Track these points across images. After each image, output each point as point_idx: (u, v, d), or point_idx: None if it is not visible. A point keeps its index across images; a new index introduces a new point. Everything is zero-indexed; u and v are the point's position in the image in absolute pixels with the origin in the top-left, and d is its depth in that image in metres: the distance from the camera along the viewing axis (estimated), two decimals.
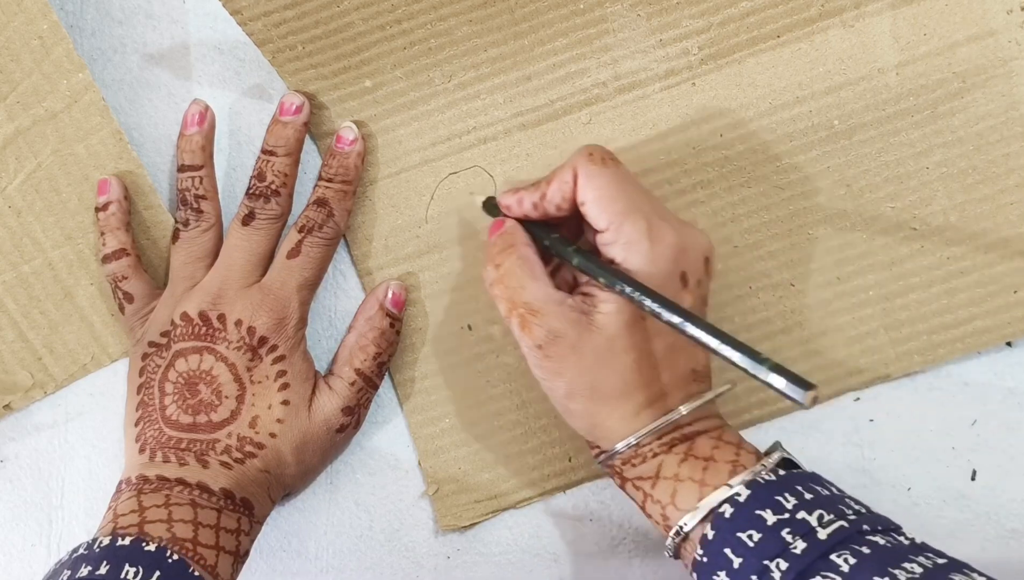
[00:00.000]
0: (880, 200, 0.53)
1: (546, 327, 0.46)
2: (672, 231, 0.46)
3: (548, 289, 0.47)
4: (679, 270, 0.46)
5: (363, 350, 0.53)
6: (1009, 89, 0.52)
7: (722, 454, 0.45)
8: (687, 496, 0.45)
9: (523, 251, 0.48)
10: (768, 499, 0.42)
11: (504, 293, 0.47)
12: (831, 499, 0.43)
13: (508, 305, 0.47)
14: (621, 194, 0.46)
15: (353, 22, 0.52)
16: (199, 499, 0.49)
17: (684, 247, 0.46)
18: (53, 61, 0.52)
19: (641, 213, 0.45)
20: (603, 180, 0.46)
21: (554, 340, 0.46)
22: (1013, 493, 0.54)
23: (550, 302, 0.46)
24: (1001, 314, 0.53)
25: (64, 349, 0.55)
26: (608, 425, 0.47)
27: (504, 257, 0.48)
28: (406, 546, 0.56)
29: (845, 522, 0.41)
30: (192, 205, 0.53)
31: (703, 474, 0.45)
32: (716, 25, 0.53)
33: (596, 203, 0.46)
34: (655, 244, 0.45)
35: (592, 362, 0.45)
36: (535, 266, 0.47)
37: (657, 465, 0.46)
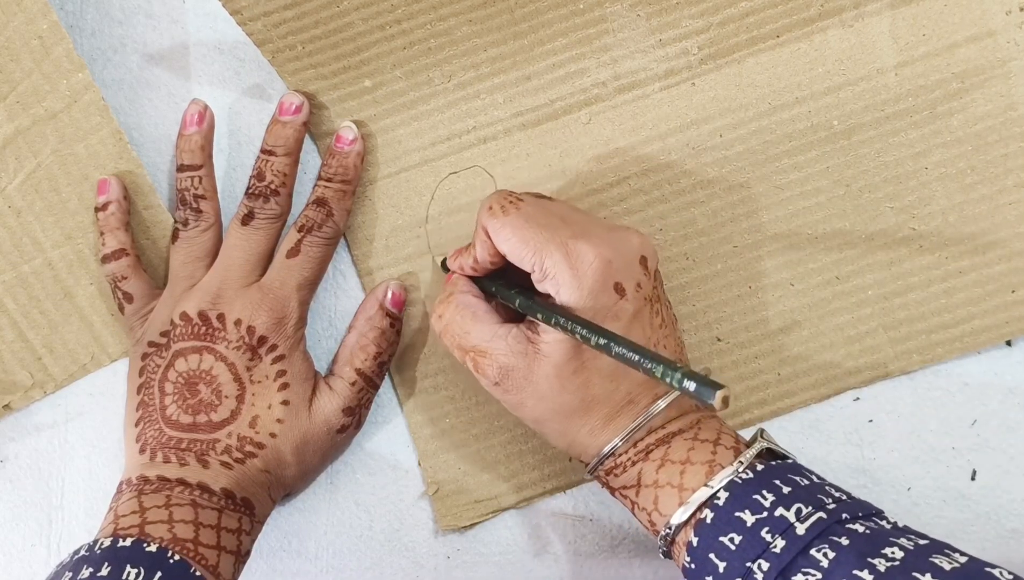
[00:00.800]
0: (879, 200, 0.53)
1: (497, 364, 0.47)
2: (591, 249, 0.45)
3: (492, 327, 0.47)
4: (611, 283, 0.46)
5: (363, 350, 0.53)
6: (1008, 90, 0.53)
7: (698, 455, 0.45)
8: (668, 502, 0.45)
9: (461, 298, 0.49)
10: (746, 499, 0.43)
11: (452, 341, 0.48)
12: (809, 489, 0.43)
13: (459, 351, 0.48)
14: (531, 234, 0.46)
15: (353, 22, 0.52)
16: (200, 499, 0.49)
17: (609, 259, 0.46)
18: (53, 61, 0.52)
19: (555, 243, 0.46)
20: (507, 230, 0.46)
21: (506, 375, 0.47)
22: (1013, 493, 0.54)
23: (495, 339, 0.47)
24: (1000, 313, 0.53)
25: (64, 349, 0.55)
26: (580, 441, 0.47)
27: (444, 307, 0.49)
28: (406, 546, 0.56)
29: (824, 513, 0.42)
30: (191, 205, 0.53)
31: (681, 478, 0.45)
32: (716, 25, 0.53)
33: (511, 253, 0.47)
34: (576, 269, 0.45)
35: (547, 389, 0.46)
36: (476, 309, 0.48)
37: (637, 473, 0.46)
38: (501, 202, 0.47)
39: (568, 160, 0.54)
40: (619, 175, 0.54)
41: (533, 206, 0.47)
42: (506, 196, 0.48)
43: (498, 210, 0.47)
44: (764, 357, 0.54)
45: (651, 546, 0.55)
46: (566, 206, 0.49)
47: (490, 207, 0.47)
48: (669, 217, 0.54)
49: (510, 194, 0.48)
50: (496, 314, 0.49)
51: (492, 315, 0.48)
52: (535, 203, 0.48)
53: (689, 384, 0.38)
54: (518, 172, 0.54)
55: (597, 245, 0.46)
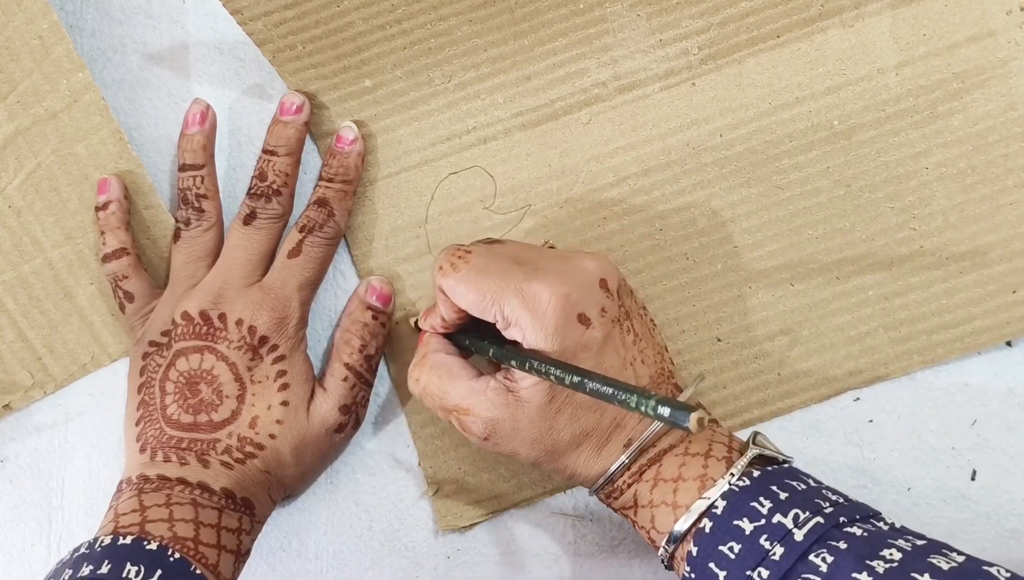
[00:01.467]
0: (880, 200, 0.53)
1: (481, 420, 0.46)
2: (546, 287, 0.45)
3: (469, 382, 0.47)
4: (573, 316, 0.45)
5: (348, 344, 0.53)
6: (1008, 89, 0.53)
7: (689, 470, 0.45)
8: (664, 520, 0.45)
9: (434, 358, 0.48)
10: (744, 507, 0.43)
11: (432, 402, 0.48)
12: (806, 494, 0.43)
13: (442, 412, 0.48)
14: (484, 285, 0.46)
15: (353, 22, 0.52)
16: (200, 499, 0.49)
17: (566, 293, 0.45)
18: (53, 61, 0.52)
19: (510, 290, 0.45)
20: (461, 286, 0.46)
21: (493, 427, 0.46)
22: (1013, 493, 0.54)
23: (474, 395, 0.47)
24: (1000, 314, 0.53)
25: (64, 349, 0.55)
26: (579, 472, 0.47)
27: (419, 370, 0.49)
28: (406, 546, 0.56)
29: (821, 517, 0.42)
30: (193, 204, 0.53)
31: (674, 496, 0.45)
32: (716, 25, 0.53)
33: (470, 307, 0.46)
34: (534, 312, 0.45)
35: (535, 431, 0.46)
36: (451, 366, 0.48)
37: (633, 495, 0.47)
38: (450, 259, 0.47)
39: (568, 160, 0.54)
40: (619, 175, 0.54)
41: (482, 256, 0.47)
42: (454, 252, 0.47)
43: (448, 268, 0.47)
44: (764, 357, 0.54)
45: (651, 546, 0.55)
46: (517, 246, 0.49)
47: (440, 267, 0.47)
48: (669, 217, 0.54)
49: (458, 249, 0.48)
50: (472, 368, 0.48)
51: (468, 370, 0.48)
52: (484, 252, 0.47)
53: (663, 410, 0.38)
54: (518, 172, 0.54)
55: (551, 283, 0.45)
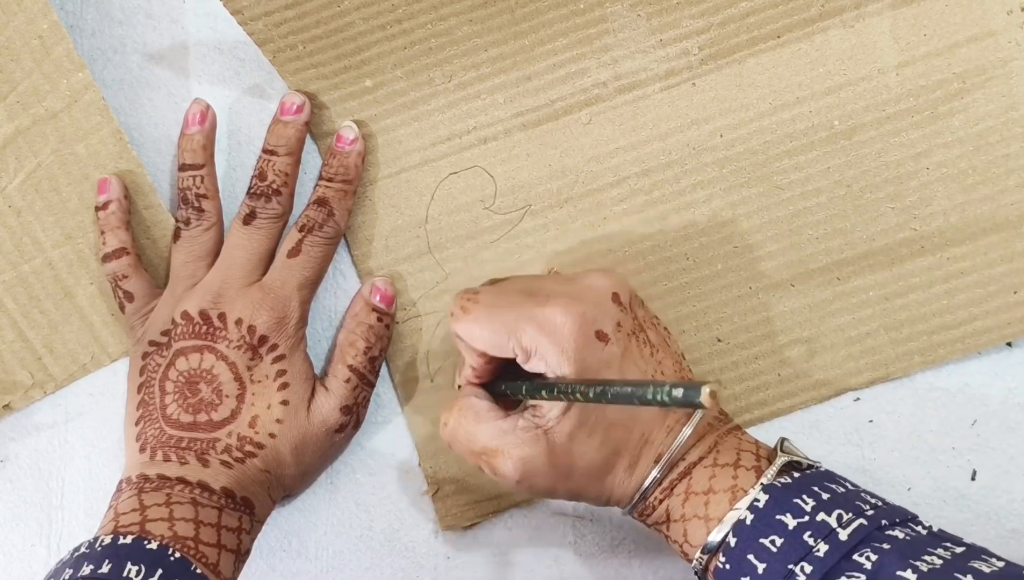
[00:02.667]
0: (880, 200, 0.53)
1: (512, 459, 0.46)
2: (560, 310, 0.45)
3: (497, 423, 0.47)
4: (591, 333, 0.45)
5: (353, 346, 0.53)
6: (1009, 90, 0.53)
7: (720, 482, 0.45)
8: (696, 533, 0.45)
9: (463, 402, 0.48)
10: (787, 503, 0.43)
11: (461, 448, 0.48)
12: (847, 496, 0.43)
13: (471, 457, 0.48)
14: (498, 321, 0.46)
15: (354, 22, 0.52)
16: (200, 498, 0.49)
17: (580, 312, 0.45)
18: (53, 61, 0.52)
19: (524, 319, 0.45)
20: (475, 327, 0.46)
21: (525, 466, 0.46)
22: (1013, 493, 0.54)
23: (503, 434, 0.46)
24: (1001, 314, 0.53)
25: (64, 349, 0.55)
26: (615, 493, 0.47)
27: (448, 414, 0.49)
28: (406, 546, 0.56)
29: (864, 519, 0.42)
30: (193, 204, 0.53)
31: (706, 509, 0.45)
32: (716, 25, 0.53)
33: (490, 347, 0.46)
34: (552, 335, 0.45)
35: (569, 461, 0.46)
36: (479, 409, 0.48)
37: (665, 510, 0.47)
38: (460, 304, 0.47)
39: (568, 160, 0.54)
40: (619, 175, 0.54)
41: (490, 294, 0.47)
42: (462, 297, 0.47)
43: (459, 313, 0.47)
44: (764, 358, 0.54)
45: (651, 546, 0.55)
46: (523, 278, 0.49)
47: (452, 313, 0.47)
48: (669, 217, 0.54)
49: (466, 292, 0.48)
50: (500, 410, 0.48)
51: (496, 411, 0.48)
52: (492, 290, 0.48)
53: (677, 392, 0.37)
54: (518, 172, 0.54)
55: (564, 304, 0.45)
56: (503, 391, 0.48)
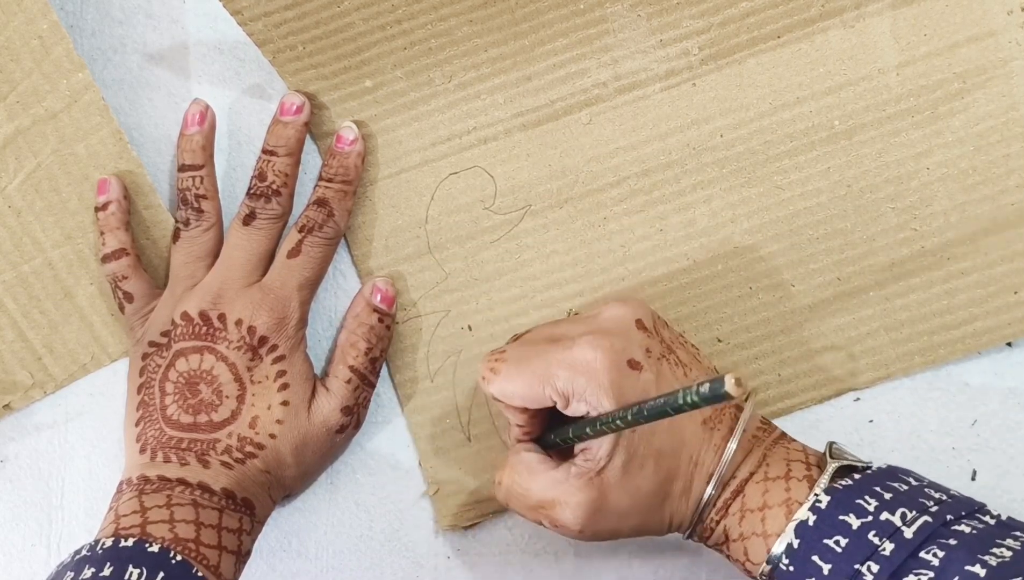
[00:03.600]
0: (880, 200, 0.53)
1: (570, 507, 0.46)
2: (588, 347, 0.46)
3: (550, 474, 0.47)
4: (623, 363, 0.46)
5: (354, 347, 0.53)
6: (1009, 89, 0.53)
7: (773, 497, 0.45)
8: (756, 551, 0.45)
9: (514, 458, 0.49)
10: (849, 504, 0.43)
11: (517, 504, 0.48)
12: (910, 493, 0.43)
13: (528, 512, 0.48)
14: (528, 373, 0.46)
15: (353, 22, 0.52)
16: (201, 499, 0.49)
17: (608, 345, 0.46)
18: (53, 61, 0.52)
19: (554, 365, 0.46)
20: (509, 384, 0.47)
21: (585, 512, 0.46)
22: (1013, 493, 0.54)
23: (557, 486, 0.47)
24: (1001, 314, 0.53)
25: (64, 349, 0.55)
26: (674, 519, 0.48)
27: (501, 473, 0.49)
28: (406, 546, 0.56)
29: (928, 516, 0.42)
30: (193, 205, 0.53)
31: (763, 526, 0.45)
32: (716, 25, 0.53)
33: (527, 401, 0.47)
34: (587, 374, 0.45)
35: (627, 498, 0.46)
36: (530, 462, 0.48)
37: (723, 531, 0.47)
38: (489, 366, 0.48)
39: (568, 160, 0.54)
40: (619, 175, 0.54)
41: (516, 349, 0.48)
42: (489, 359, 0.48)
43: (489, 374, 0.47)
44: (765, 358, 0.54)
45: (651, 546, 0.55)
46: (546, 327, 0.50)
47: (483, 377, 0.48)
48: (669, 217, 0.54)
49: (492, 354, 0.48)
50: (552, 462, 0.48)
51: (548, 463, 0.48)
52: (517, 346, 0.48)
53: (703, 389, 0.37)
54: (518, 172, 0.54)
55: (592, 341, 0.46)
56: (553, 441, 0.49)
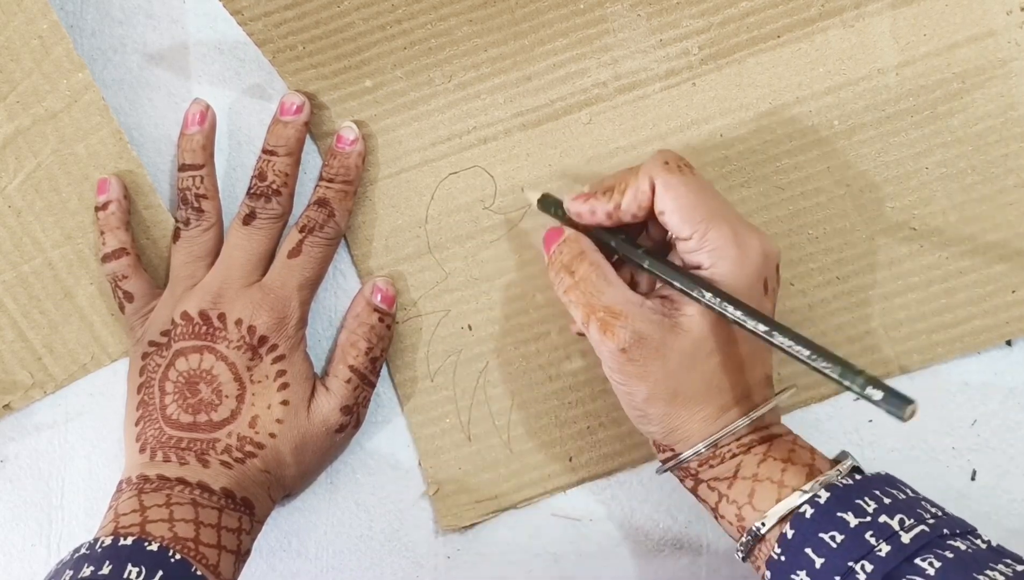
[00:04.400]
0: (879, 200, 0.53)
1: (630, 329, 0.45)
2: (757, 239, 0.45)
3: (627, 292, 0.46)
4: (763, 276, 0.45)
5: (354, 346, 0.53)
6: (1008, 90, 0.53)
7: (799, 457, 0.45)
8: (765, 496, 0.45)
9: (595, 257, 0.47)
10: (848, 502, 0.43)
11: (581, 298, 0.46)
12: (909, 502, 0.43)
13: (586, 310, 0.46)
14: (701, 201, 0.45)
15: (353, 22, 0.52)
16: (200, 498, 0.49)
17: (767, 253, 0.45)
18: (53, 61, 0.52)
19: (724, 219, 0.45)
20: (683, 188, 0.45)
21: (639, 342, 0.45)
22: (1013, 493, 0.54)
23: (630, 304, 0.45)
24: (1000, 313, 0.53)
25: (64, 349, 0.55)
26: (688, 427, 0.46)
27: (578, 263, 0.47)
28: (406, 546, 0.56)
29: (926, 526, 0.42)
30: (193, 204, 0.53)
31: (782, 475, 0.45)
32: (716, 25, 0.53)
33: (677, 212, 0.45)
34: (742, 250, 0.45)
35: (676, 365, 0.45)
36: (609, 271, 0.47)
37: (736, 465, 0.46)
38: (678, 161, 0.46)
39: (568, 160, 0.54)
40: None
41: (703, 179, 0.46)
42: (679, 157, 0.46)
43: (675, 167, 0.46)
44: None
45: (651, 546, 0.55)
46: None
47: (666, 161, 0.46)
48: None
49: (681, 158, 0.47)
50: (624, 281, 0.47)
51: (622, 282, 0.46)
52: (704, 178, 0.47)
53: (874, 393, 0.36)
54: (518, 172, 0.54)
55: (761, 238, 0.45)
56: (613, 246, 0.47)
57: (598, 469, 0.55)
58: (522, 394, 0.55)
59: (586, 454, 0.55)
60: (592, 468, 0.55)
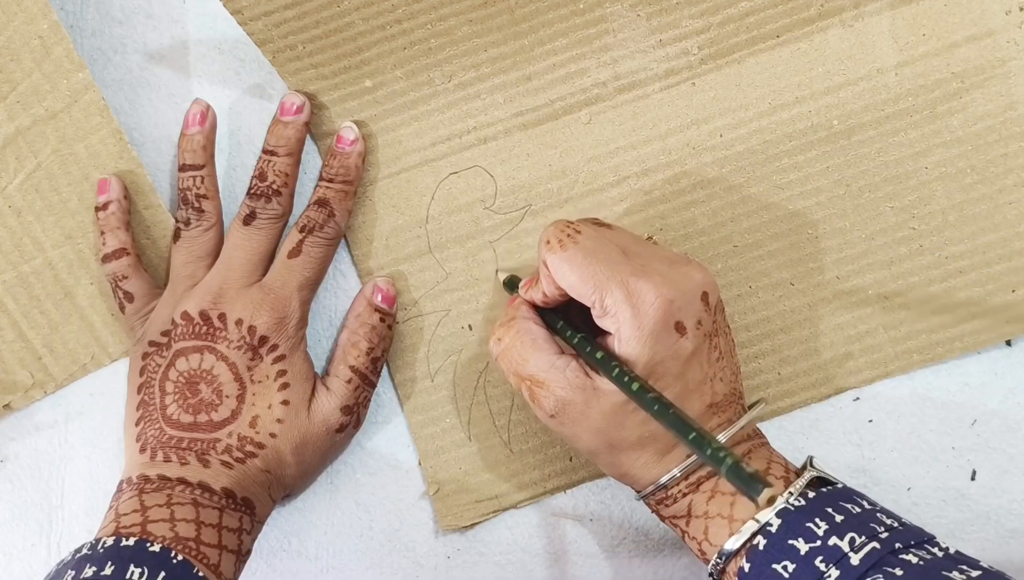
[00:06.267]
0: (879, 200, 0.53)
1: (554, 397, 0.46)
2: (653, 288, 0.45)
3: (551, 357, 0.47)
4: (671, 322, 0.45)
5: (355, 346, 0.53)
6: (1007, 89, 0.53)
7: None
8: (718, 532, 0.45)
9: (523, 325, 0.48)
10: (799, 527, 0.43)
11: (509, 366, 0.48)
12: (862, 517, 0.43)
13: (515, 378, 0.48)
14: (590, 270, 0.45)
15: (353, 22, 0.52)
16: (201, 498, 0.49)
17: (670, 298, 0.45)
18: (53, 61, 0.52)
19: (616, 280, 0.45)
20: (566, 266, 0.46)
21: (563, 408, 0.46)
22: (1013, 493, 0.54)
23: (553, 370, 0.46)
24: (1000, 313, 0.53)
25: (64, 349, 0.55)
26: (634, 473, 0.47)
27: (505, 331, 0.48)
28: (406, 546, 0.56)
29: (877, 543, 0.42)
30: (193, 204, 0.53)
31: (731, 509, 0.45)
32: (716, 25, 0.53)
33: (571, 289, 0.46)
34: (637, 309, 0.45)
35: (604, 424, 0.46)
36: (536, 337, 0.48)
37: (687, 504, 0.47)
38: (559, 235, 0.46)
39: (568, 160, 0.54)
40: (619, 175, 0.54)
41: (592, 239, 0.46)
42: (563, 228, 0.47)
43: (555, 244, 0.46)
44: (764, 357, 0.54)
45: (651, 546, 0.55)
46: (626, 236, 0.48)
47: (547, 241, 0.47)
48: (669, 217, 0.54)
49: (567, 225, 0.47)
50: (555, 345, 0.48)
51: (551, 345, 0.48)
52: (594, 235, 0.47)
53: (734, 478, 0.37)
54: (518, 172, 0.54)
55: (659, 284, 0.45)
56: (555, 327, 0.48)
57: (598, 469, 0.55)
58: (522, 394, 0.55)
59: None
60: (592, 468, 0.55)
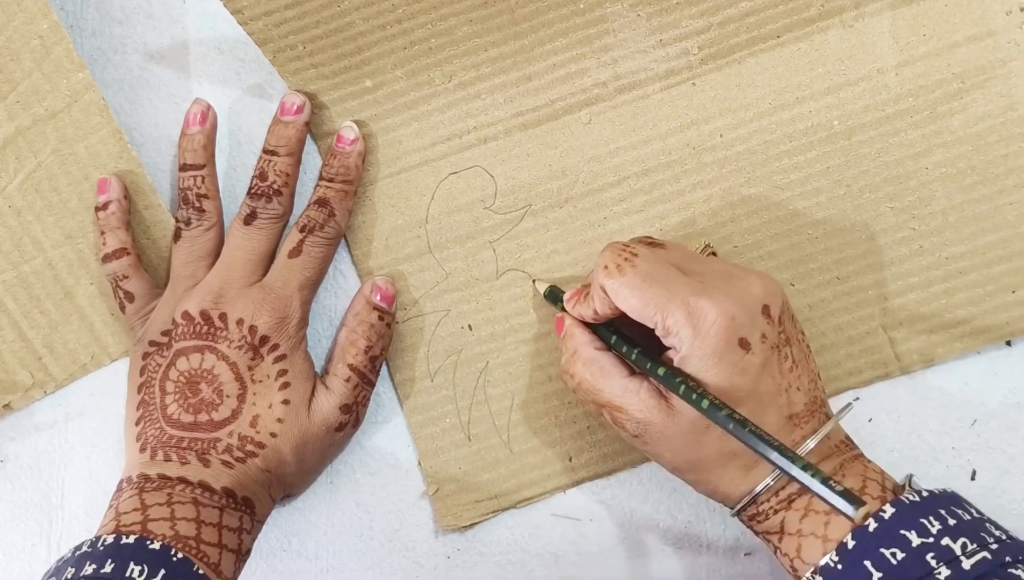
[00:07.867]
0: (879, 200, 0.53)
1: (633, 420, 0.47)
2: (713, 306, 0.44)
3: (623, 381, 0.47)
4: (735, 339, 0.45)
5: (353, 345, 0.53)
6: (1008, 90, 0.53)
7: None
8: (811, 551, 0.44)
9: (585, 353, 0.48)
10: (912, 520, 0.42)
11: (586, 397, 0.48)
12: (973, 525, 0.43)
13: (594, 407, 0.48)
14: (650, 293, 0.45)
15: (354, 22, 0.52)
16: (201, 498, 0.49)
17: (732, 315, 0.44)
18: (53, 61, 0.52)
19: (676, 301, 0.45)
20: (626, 290, 0.46)
21: (645, 429, 0.46)
22: (1013, 493, 0.54)
23: (627, 394, 0.47)
24: (1000, 314, 0.53)
25: (64, 349, 0.55)
26: (722, 490, 0.47)
27: (571, 364, 0.49)
28: (406, 546, 0.56)
29: (988, 553, 0.41)
30: (194, 204, 0.53)
31: (825, 529, 0.44)
32: (716, 25, 0.53)
33: (632, 312, 0.46)
34: (697, 329, 0.44)
35: (683, 443, 0.46)
36: (603, 363, 0.48)
37: (780, 521, 0.46)
38: (616, 260, 0.46)
39: (568, 160, 0.54)
40: (619, 175, 0.54)
41: (649, 261, 0.46)
42: (619, 252, 0.47)
43: (614, 270, 0.46)
44: None
45: (651, 546, 0.55)
46: (681, 252, 0.48)
47: (605, 266, 0.47)
48: (669, 217, 0.54)
49: (624, 249, 0.47)
50: (623, 366, 0.48)
51: (620, 367, 0.48)
52: (650, 257, 0.47)
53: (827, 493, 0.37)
54: (518, 172, 0.54)
55: (719, 301, 0.45)
56: (610, 343, 0.48)
57: (598, 469, 0.55)
58: (522, 394, 0.55)
59: (585, 454, 0.55)
60: (592, 468, 0.55)
